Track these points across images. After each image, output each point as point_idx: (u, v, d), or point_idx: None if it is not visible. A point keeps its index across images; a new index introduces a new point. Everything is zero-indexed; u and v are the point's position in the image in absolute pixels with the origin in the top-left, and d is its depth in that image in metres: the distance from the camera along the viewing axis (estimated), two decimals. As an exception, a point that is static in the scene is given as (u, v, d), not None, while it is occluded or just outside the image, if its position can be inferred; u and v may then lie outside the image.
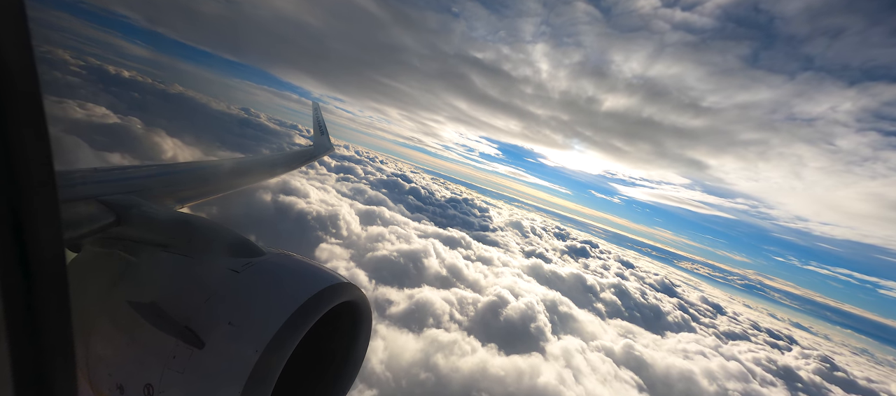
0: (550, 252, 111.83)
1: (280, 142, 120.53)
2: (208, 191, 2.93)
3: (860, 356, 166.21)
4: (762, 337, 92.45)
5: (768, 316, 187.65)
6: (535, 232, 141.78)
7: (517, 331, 32.89)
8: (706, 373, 41.38)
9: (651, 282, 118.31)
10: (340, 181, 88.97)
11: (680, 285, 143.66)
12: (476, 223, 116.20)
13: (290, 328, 1.09)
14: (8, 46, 0.41)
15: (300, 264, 1.37)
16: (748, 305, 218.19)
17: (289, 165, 5.14)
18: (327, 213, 46.73)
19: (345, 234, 47.84)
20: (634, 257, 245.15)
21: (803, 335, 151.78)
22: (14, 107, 0.43)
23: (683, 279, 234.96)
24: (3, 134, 0.43)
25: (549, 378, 23.18)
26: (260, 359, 1.03)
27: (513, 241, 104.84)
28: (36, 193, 0.47)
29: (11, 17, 0.41)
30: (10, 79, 0.43)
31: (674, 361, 42.77)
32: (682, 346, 52.30)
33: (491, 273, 56.02)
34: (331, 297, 1.22)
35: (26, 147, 0.45)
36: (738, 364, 44.96)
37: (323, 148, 7.26)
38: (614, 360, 39.26)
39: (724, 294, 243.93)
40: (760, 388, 41.20)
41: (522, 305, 38.51)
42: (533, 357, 26.06)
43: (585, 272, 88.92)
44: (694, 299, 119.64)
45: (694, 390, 38.95)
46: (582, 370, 27.60)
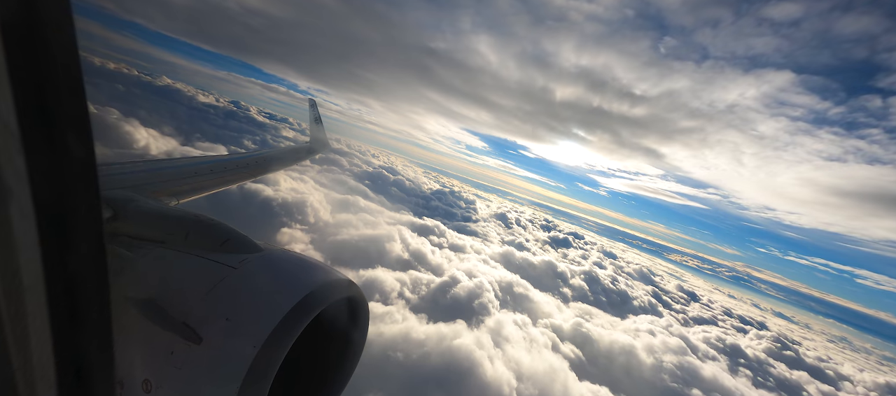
0: (531, 242, 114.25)
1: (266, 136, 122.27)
2: (204, 186, 2.93)
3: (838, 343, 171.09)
4: (730, 323, 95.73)
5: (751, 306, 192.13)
6: (519, 224, 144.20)
7: (460, 307, 35.44)
8: (647, 348, 44.26)
9: (629, 271, 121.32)
10: (322, 172, 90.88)
11: (661, 275, 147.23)
12: (459, 214, 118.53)
13: (287, 324, 1.09)
14: (56, 46, 0.43)
15: (298, 260, 1.38)
16: (733, 296, 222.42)
17: (286, 161, 5.15)
18: (294, 201, 48.95)
19: (311, 221, 50.19)
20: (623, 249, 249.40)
21: (780, 322, 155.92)
22: (62, 107, 0.45)
23: (670, 270, 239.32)
24: (52, 138, 0.45)
25: (465, 341, 25.71)
26: (258, 355, 1.03)
27: (494, 232, 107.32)
28: (80, 196, 0.49)
29: (62, 24, 0.42)
30: (58, 87, 0.45)
31: (619, 338, 45.58)
32: (635, 327, 55.15)
33: (457, 258, 58.52)
34: (328, 294, 1.23)
35: (72, 153, 0.47)
36: (681, 341, 47.86)
37: (320, 144, 7.41)
38: (560, 336, 42.02)
39: (710, 284, 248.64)
40: (698, 361, 44.10)
41: (472, 285, 41.07)
42: (457, 323, 28.62)
43: (561, 260, 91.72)
44: (671, 287, 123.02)
45: (632, 362, 41.83)
46: (510, 339, 30.18)
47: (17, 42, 0.40)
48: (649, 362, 41.75)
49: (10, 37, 0.39)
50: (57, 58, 0.44)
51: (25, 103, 0.41)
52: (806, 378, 53.39)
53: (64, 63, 0.44)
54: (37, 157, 0.43)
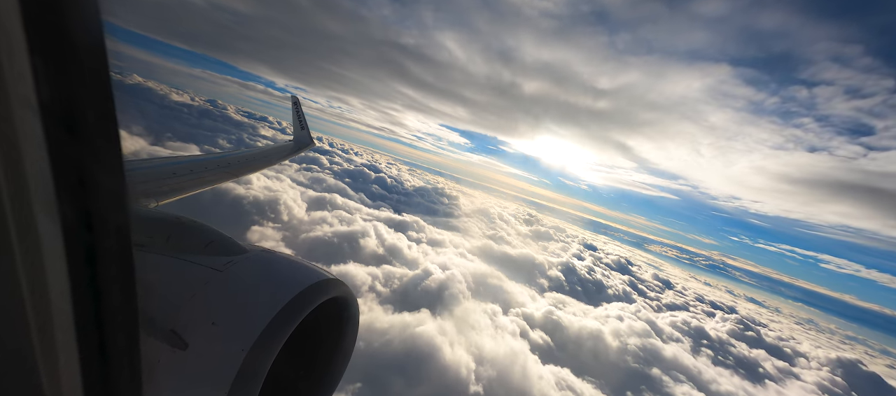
0: (512, 236, 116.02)
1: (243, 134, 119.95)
2: (184, 187, 2.85)
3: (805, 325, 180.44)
4: (702, 308, 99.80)
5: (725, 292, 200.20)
6: (502, 219, 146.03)
7: (430, 298, 36.25)
8: (614, 332, 46.15)
9: (607, 262, 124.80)
10: (300, 171, 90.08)
11: (639, 265, 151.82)
12: (441, 210, 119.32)
13: (276, 327, 1.07)
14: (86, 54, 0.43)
15: (284, 261, 1.36)
16: (708, 283, 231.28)
17: (269, 160, 5.05)
18: (266, 199, 48.66)
19: (285, 219, 50.03)
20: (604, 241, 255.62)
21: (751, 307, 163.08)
22: (92, 116, 0.45)
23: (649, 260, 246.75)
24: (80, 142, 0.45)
25: (428, 329, 26.53)
26: (246, 359, 1.01)
27: (475, 227, 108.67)
28: (109, 200, 0.49)
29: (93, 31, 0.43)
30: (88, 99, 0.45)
31: (588, 324, 47.33)
32: (606, 313, 57.20)
33: (434, 252, 59.32)
34: (317, 294, 1.21)
35: (101, 156, 0.47)
36: (647, 325, 50.03)
37: (303, 143, 7.24)
38: (530, 323, 43.38)
39: (687, 273, 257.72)
40: (661, 343, 46.26)
41: (444, 277, 41.94)
42: (421, 312, 29.42)
43: (541, 253, 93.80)
44: (647, 277, 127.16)
45: (599, 346, 43.59)
46: (476, 326, 31.20)
47: (46, 47, 0.39)
48: (615, 345, 43.61)
49: (38, 39, 0.38)
50: (86, 63, 0.43)
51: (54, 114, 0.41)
52: (764, 355, 56.63)
53: (91, 67, 0.44)
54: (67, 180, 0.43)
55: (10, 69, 0.35)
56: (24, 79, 0.37)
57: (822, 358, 63.63)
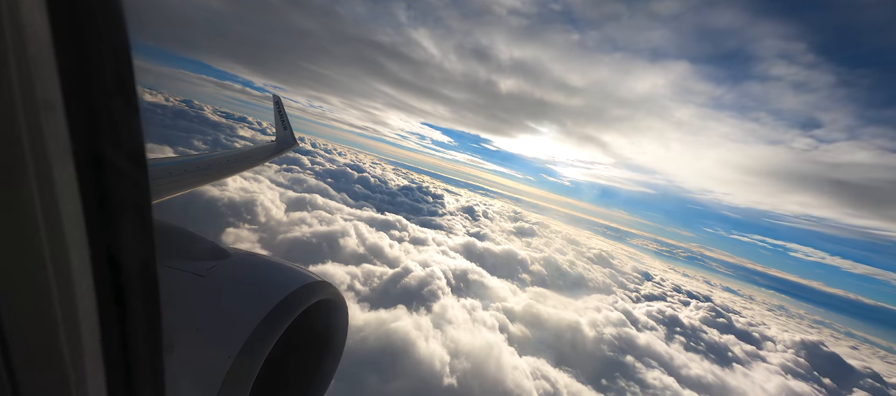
0: (496, 233, 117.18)
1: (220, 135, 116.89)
2: (160, 191, 2.87)
3: (776, 311, 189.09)
4: (678, 298, 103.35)
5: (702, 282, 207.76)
6: (487, 216, 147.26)
7: (409, 295, 36.46)
8: (591, 323, 47.45)
9: (589, 256, 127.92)
10: (280, 172, 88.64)
11: (619, 258, 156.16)
12: (425, 209, 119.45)
13: (263, 332, 1.05)
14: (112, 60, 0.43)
15: (270, 264, 1.33)
16: (687, 274, 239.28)
17: (251, 161, 4.97)
18: (242, 200, 47.76)
19: (262, 220, 49.23)
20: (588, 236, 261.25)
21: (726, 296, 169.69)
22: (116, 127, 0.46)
23: (631, 254, 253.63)
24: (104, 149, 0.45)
25: (403, 324, 26.80)
26: (233, 365, 0.98)
27: (459, 224, 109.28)
28: (132, 213, 0.50)
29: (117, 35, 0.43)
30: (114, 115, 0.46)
31: (567, 316, 48.49)
32: (585, 305, 58.68)
33: (416, 251, 59.49)
34: (304, 298, 1.19)
35: (124, 168, 0.48)
36: (623, 315, 51.62)
37: (286, 143, 7.10)
38: (510, 317, 44.15)
39: (667, 265, 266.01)
40: (636, 331, 47.84)
41: (424, 274, 42.20)
42: (397, 309, 29.66)
43: (523, 248, 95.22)
44: (627, 269, 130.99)
45: (577, 337, 44.76)
46: (453, 321, 31.61)
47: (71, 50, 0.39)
48: (592, 335, 44.87)
49: (64, 41, 0.39)
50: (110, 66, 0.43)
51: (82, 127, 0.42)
52: (733, 340, 59.31)
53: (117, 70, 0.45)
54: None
55: (37, 73, 0.36)
56: (51, 83, 0.38)
57: (787, 342, 67.08)
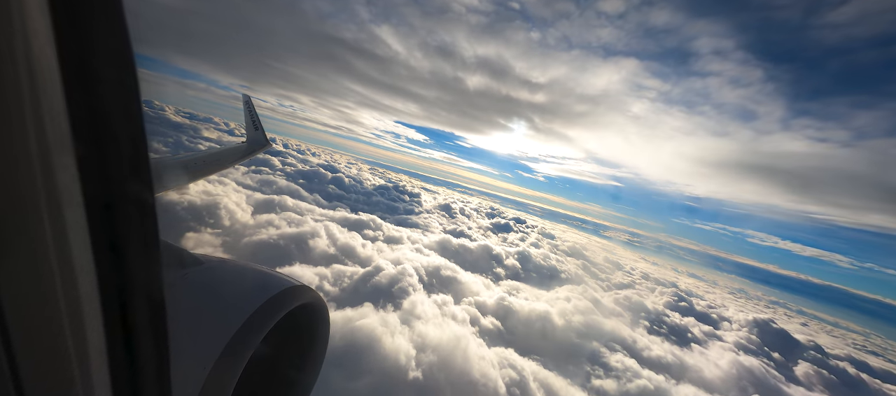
0: (473, 229, 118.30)
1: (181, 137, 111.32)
2: None
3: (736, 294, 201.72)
4: (646, 285, 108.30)
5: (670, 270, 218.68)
6: (464, 213, 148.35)
7: (380, 293, 36.41)
8: (561, 313, 49.05)
9: (564, 249, 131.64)
10: (248, 174, 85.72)
11: (591, 250, 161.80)
12: (401, 208, 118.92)
13: (239, 341, 1.01)
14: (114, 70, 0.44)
15: (244, 271, 1.28)
16: (656, 263, 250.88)
17: (221, 164, 4.76)
18: (204, 203, 45.95)
19: (226, 224, 47.53)
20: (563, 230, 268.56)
21: (691, 281, 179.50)
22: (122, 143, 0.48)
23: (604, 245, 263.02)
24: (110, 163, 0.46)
25: (369, 322, 26.85)
26: (209, 377, 0.93)
27: (436, 222, 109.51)
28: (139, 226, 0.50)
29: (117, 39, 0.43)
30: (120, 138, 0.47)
31: (538, 307, 49.84)
32: (557, 296, 60.50)
33: (390, 249, 59.28)
34: (282, 304, 1.15)
35: (129, 179, 0.49)
36: (591, 303, 53.67)
37: (258, 144, 6.87)
38: (482, 311, 44.93)
39: (637, 255, 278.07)
40: (602, 318, 49.90)
41: (395, 271, 42.21)
42: (364, 307, 29.65)
43: (499, 244, 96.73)
44: (599, 260, 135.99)
45: (547, 326, 46.14)
46: (422, 316, 31.89)
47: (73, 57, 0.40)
48: (561, 324, 46.41)
49: (66, 49, 0.39)
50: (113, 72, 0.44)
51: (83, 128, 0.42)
52: (693, 322, 63.01)
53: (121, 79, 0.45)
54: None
55: (41, 78, 0.36)
56: (55, 91, 0.39)
57: (741, 321, 71.93)
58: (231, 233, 44.37)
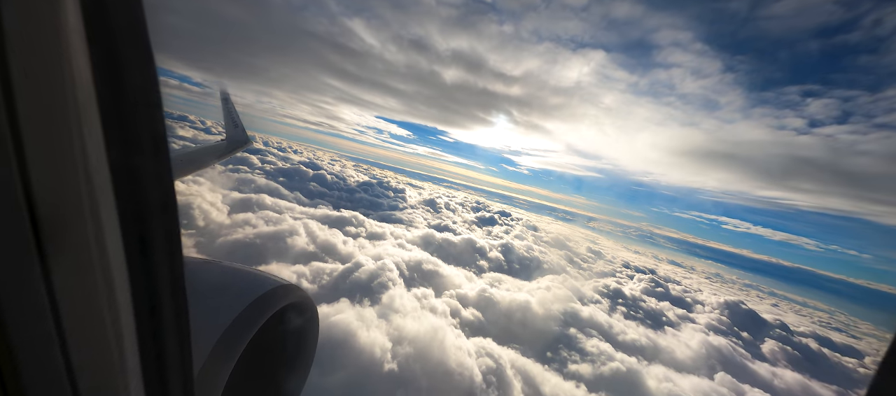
0: (458, 224, 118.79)
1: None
2: None
3: (712, 278, 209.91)
4: (626, 273, 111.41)
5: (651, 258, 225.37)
6: (449, 208, 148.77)
7: (359, 289, 36.42)
8: (540, 302, 50.13)
9: (548, 240, 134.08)
10: (225, 173, 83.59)
11: (575, 240, 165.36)
12: (385, 204, 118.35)
13: (228, 341, 0.99)
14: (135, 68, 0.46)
15: (230, 271, 1.26)
16: (638, 251, 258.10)
17: (199, 163, 4.71)
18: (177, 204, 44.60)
19: (200, 224, 46.47)
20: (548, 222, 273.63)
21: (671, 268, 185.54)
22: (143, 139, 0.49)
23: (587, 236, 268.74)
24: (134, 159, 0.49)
25: (345, 317, 26.94)
26: (198, 377, 0.92)
27: (420, 217, 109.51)
28: (161, 219, 0.54)
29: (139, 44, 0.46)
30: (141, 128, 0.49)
31: (518, 297, 50.79)
32: (538, 286, 61.70)
33: (371, 246, 59.11)
34: (270, 303, 1.13)
35: (151, 173, 0.52)
36: (569, 291, 55.01)
37: (238, 142, 6.72)
38: (463, 303, 45.49)
39: (619, 244, 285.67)
40: (581, 305, 51.28)
41: (375, 267, 42.22)
42: (340, 302, 29.72)
43: (483, 237, 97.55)
44: (582, 250, 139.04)
45: (527, 315, 47.12)
46: (400, 310, 32.14)
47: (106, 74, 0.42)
48: (540, 313, 47.48)
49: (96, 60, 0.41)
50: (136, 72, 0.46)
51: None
52: (668, 306, 65.47)
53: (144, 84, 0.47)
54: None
55: (80, 84, 0.39)
56: (90, 97, 0.41)
57: (714, 303, 75.09)
58: (205, 234, 43.40)
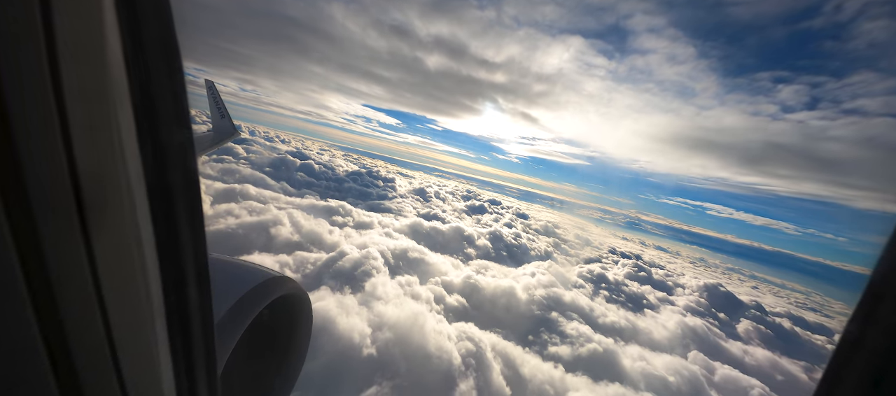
0: (448, 212, 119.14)
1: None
2: None
3: (697, 263, 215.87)
4: (611, 258, 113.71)
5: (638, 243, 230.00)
6: (439, 197, 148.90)
7: (343, 277, 36.65)
8: (524, 288, 51.08)
9: (536, 228, 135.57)
10: (209, 163, 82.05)
11: (564, 228, 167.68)
12: (375, 193, 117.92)
13: (221, 333, 1.00)
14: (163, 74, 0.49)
15: (222, 263, 1.27)
16: (625, 238, 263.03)
17: None
18: (154, 194, 43.84)
19: (181, 214, 45.79)
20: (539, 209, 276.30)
21: (657, 253, 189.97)
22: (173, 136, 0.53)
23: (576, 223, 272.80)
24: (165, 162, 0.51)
25: (325, 304, 27.21)
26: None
27: (410, 206, 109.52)
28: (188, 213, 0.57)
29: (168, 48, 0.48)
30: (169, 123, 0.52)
31: (503, 283, 51.65)
32: (524, 272, 62.71)
33: (358, 235, 59.13)
34: (263, 295, 1.13)
35: (178, 174, 0.54)
36: (553, 277, 56.13)
37: (226, 132, 6.64)
38: (448, 290, 46.12)
39: (608, 231, 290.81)
40: (564, 290, 52.45)
41: (359, 255, 42.40)
42: (320, 290, 29.95)
43: (472, 225, 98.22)
44: (570, 237, 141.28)
45: (511, 301, 48.05)
46: (382, 297, 32.53)
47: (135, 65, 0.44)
48: (524, 298, 48.46)
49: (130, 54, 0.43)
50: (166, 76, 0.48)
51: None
52: (649, 289, 67.42)
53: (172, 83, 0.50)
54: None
55: (113, 76, 0.40)
56: (122, 87, 0.43)
57: (694, 286, 77.48)
58: (186, 225, 42.82)
